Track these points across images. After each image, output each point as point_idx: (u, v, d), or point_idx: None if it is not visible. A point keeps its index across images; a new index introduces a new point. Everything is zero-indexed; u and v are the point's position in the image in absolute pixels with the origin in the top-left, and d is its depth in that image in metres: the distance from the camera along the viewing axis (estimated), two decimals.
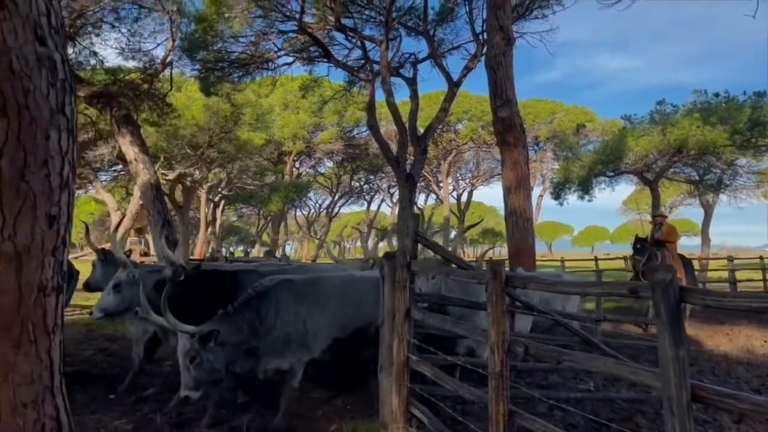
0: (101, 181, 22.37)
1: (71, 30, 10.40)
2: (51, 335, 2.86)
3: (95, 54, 11.90)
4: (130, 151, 10.50)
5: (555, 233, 71.94)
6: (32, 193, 2.67)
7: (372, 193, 47.74)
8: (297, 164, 33.90)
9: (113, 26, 12.05)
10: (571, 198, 22.26)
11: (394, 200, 46.21)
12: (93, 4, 10.12)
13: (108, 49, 18.95)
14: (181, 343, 4.16)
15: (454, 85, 15.15)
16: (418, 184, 18.85)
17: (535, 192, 38.97)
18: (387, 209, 53.88)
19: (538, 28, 23.35)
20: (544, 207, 59.31)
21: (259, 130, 22.75)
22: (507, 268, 5.38)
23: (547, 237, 70.45)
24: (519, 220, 10.53)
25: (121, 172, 22.26)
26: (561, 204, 22.92)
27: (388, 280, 4.28)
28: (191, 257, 18.51)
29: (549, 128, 32.95)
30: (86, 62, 11.46)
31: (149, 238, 27.07)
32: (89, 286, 6.65)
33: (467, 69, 15.31)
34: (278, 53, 15.17)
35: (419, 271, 4.42)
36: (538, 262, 12.07)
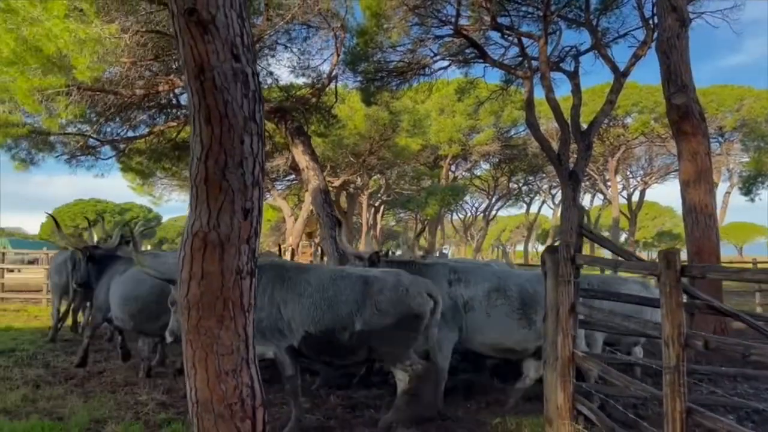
0: (277, 190, 24.58)
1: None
2: (246, 313, 3.29)
3: (271, 74, 13.24)
4: (302, 160, 11.47)
5: (746, 235, 63.50)
6: (231, 189, 3.11)
7: (531, 195, 46.36)
8: (453, 167, 34.11)
9: (286, 47, 13.30)
10: (765, 194, 19.56)
11: (556, 201, 44.42)
12: (269, 28, 11.24)
13: (281, 68, 20.80)
14: None
15: (621, 76, 14.20)
16: (583, 184, 17.96)
17: (721, 189, 34.73)
18: (548, 211, 51.96)
19: (719, 6, 20.95)
20: (731, 206, 52.79)
21: (416, 136, 23.38)
22: None
23: (736, 239, 62.51)
24: (700, 217, 9.54)
25: (294, 181, 24.23)
26: (752, 200, 20.26)
27: (551, 274, 4.20)
28: None
29: (736, 117, 29.28)
30: (264, 81, 12.75)
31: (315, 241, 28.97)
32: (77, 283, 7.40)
33: (636, 57, 14.24)
34: (434, 58, 15.48)
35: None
36: (725, 266, 10.79)
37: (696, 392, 3.98)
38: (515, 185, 41.89)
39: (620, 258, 4.48)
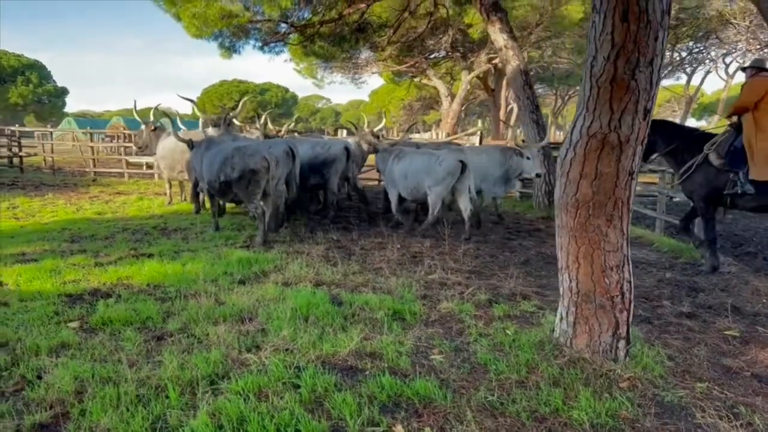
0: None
1: None
2: (629, 212, 3.35)
3: None
4: (500, 38, 10.96)
5: None
6: (638, 89, 3.04)
7: (695, 65, 41.38)
8: None
9: None
10: None
11: (730, 71, 39.37)
12: None
13: None
14: None
15: None
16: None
17: None
18: (715, 83, 46.13)
19: None
20: None
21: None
22: None
23: None
24: None
25: (449, 59, 23.48)
26: None
27: None
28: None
29: None
30: None
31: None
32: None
33: None
34: None
35: None
36: None
37: None
38: (680, 53, 37.47)
39: None
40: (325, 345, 3.60)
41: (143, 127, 11.18)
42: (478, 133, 12.94)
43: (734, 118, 5.86)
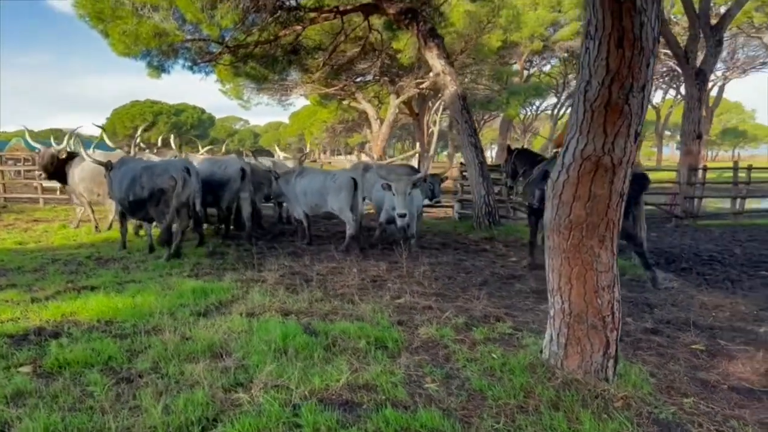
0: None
1: None
2: (618, 233, 3.43)
3: None
4: (438, 64, 11.20)
5: None
6: (630, 113, 3.13)
7: None
8: (527, 65, 32.79)
9: None
10: None
11: None
12: None
13: None
14: None
15: None
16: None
17: None
18: None
19: None
20: None
21: (512, 32, 22.31)
22: None
23: None
24: None
25: (378, 83, 23.75)
26: None
27: None
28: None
29: None
30: None
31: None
32: None
33: None
34: None
35: None
36: None
37: None
38: None
39: None
40: (315, 379, 3.39)
41: (42, 148, 10.47)
42: (416, 155, 13.09)
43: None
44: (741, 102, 65.54)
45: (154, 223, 7.85)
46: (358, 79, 22.63)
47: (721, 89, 40.39)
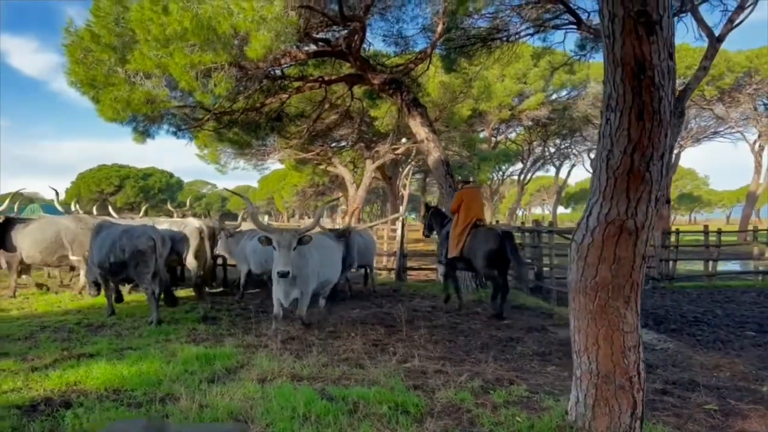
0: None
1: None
2: (641, 294, 3.55)
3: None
4: (421, 131, 11.61)
5: None
6: (651, 180, 3.32)
7: (563, 159, 46.40)
8: (495, 132, 34.10)
9: (381, 15, 13.31)
10: None
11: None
12: None
13: (375, 37, 20.50)
14: None
15: (716, 41, 14.15)
16: None
17: None
18: (580, 175, 51.91)
19: None
20: None
21: (483, 102, 23.28)
22: None
23: None
24: None
25: (354, 149, 24.23)
26: None
27: None
28: None
29: None
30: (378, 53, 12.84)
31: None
32: None
33: (731, 22, 14.18)
34: (521, 25, 15.38)
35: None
36: None
37: None
38: (549, 149, 41.89)
39: None
40: None
41: None
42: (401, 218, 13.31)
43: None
44: (694, 169, 68.90)
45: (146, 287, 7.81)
46: (334, 145, 23.06)
47: (677, 157, 42.60)
